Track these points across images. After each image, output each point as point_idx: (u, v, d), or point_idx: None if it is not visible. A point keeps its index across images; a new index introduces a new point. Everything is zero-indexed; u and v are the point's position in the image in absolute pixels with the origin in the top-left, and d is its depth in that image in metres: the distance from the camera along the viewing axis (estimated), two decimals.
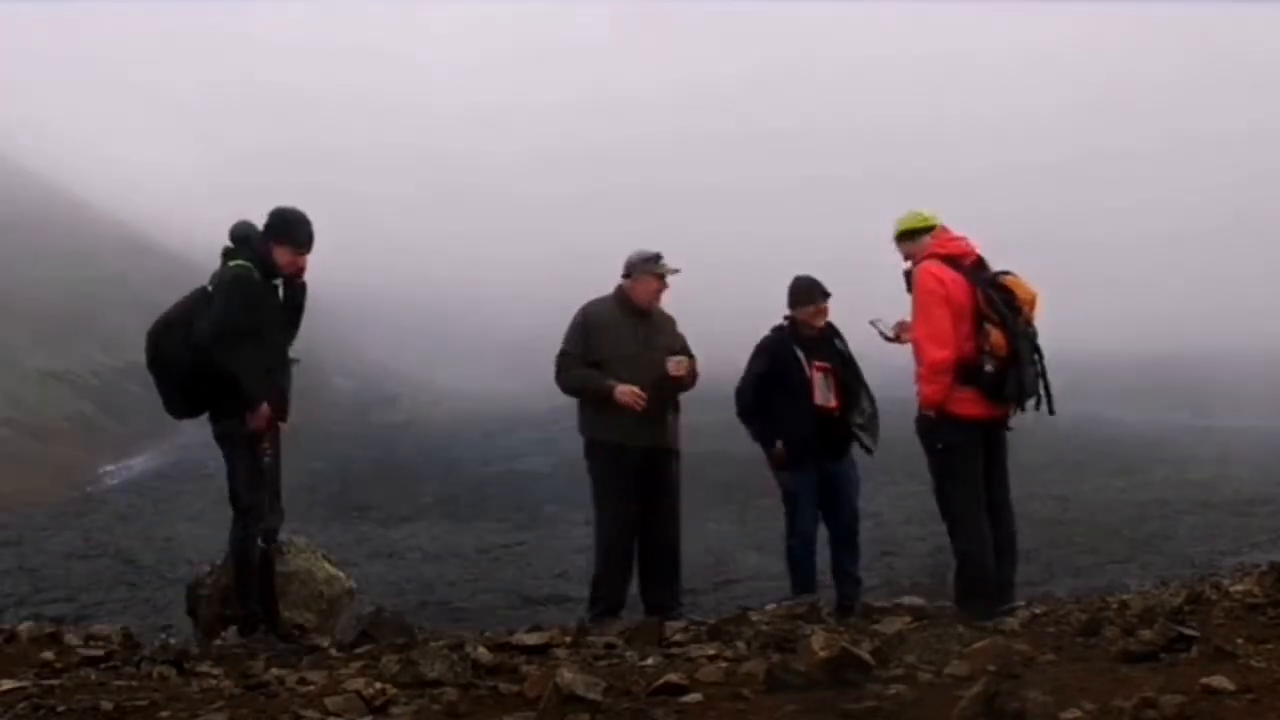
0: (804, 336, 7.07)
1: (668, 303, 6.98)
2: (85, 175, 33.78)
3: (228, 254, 6.05)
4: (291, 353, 6.25)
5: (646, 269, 6.78)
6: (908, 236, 6.32)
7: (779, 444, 7.06)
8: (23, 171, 31.77)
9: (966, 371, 6.02)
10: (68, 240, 29.06)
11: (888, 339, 6.55)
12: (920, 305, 6.10)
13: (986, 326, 6.00)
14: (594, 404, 6.73)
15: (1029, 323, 6.15)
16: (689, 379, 6.75)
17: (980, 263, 6.20)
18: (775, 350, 7.12)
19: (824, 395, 6.99)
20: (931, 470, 6.31)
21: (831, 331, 7.15)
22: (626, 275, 6.85)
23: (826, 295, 7.14)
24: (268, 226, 6.08)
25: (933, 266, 6.11)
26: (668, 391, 6.72)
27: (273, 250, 6.02)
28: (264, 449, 5.94)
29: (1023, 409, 6.24)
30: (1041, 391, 6.19)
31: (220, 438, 6.03)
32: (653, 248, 6.88)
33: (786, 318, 7.19)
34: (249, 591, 5.93)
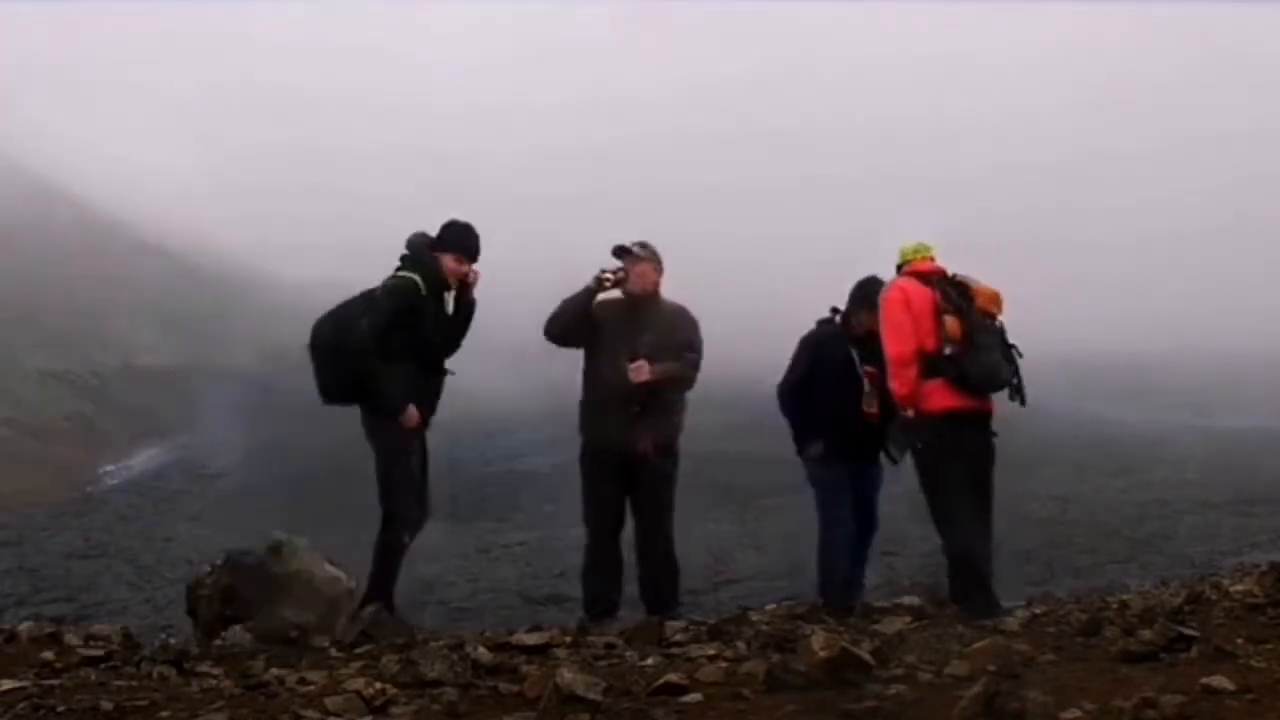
0: (855, 336, 6.90)
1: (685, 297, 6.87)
2: (85, 175, 33.77)
3: (402, 262, 6.35)
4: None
5: (625, 259, 6.61)
6: (898, 270, 6.68)
7: (817, 445, 6.87)
8: (22, 171, 31.76)
9: (932, 364, 6.28)
10: (68, 240, 29.05)
11: None
12: (883, 314, 6.45)
13: (945, 318, 6.32)
14: (581, 407, 6.75)
15: (989, 316, 6.44)
16: (661, 380, 6.51)
17: (943, 279, 6.52)
18: (828, 346, 6.96)
19: (869, 401, 6.81)
20: (916, 469, 6.47)
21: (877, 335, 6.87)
22: None
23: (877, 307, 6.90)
24: (437, 237, 6.37)
25: (897, 280, 6.53)
26: (639, 393, 6.51)
27: (441, 260, 6.30)
28: (412, 448, 6.31)
29: (986, 394, 6.39)
30: (1012, 381, 6.44)
31: (370, 435, 6.39)
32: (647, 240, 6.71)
33: (838, 313, 7.01)
34: (386, 587, 6.34)
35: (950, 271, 6.54)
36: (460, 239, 6.40)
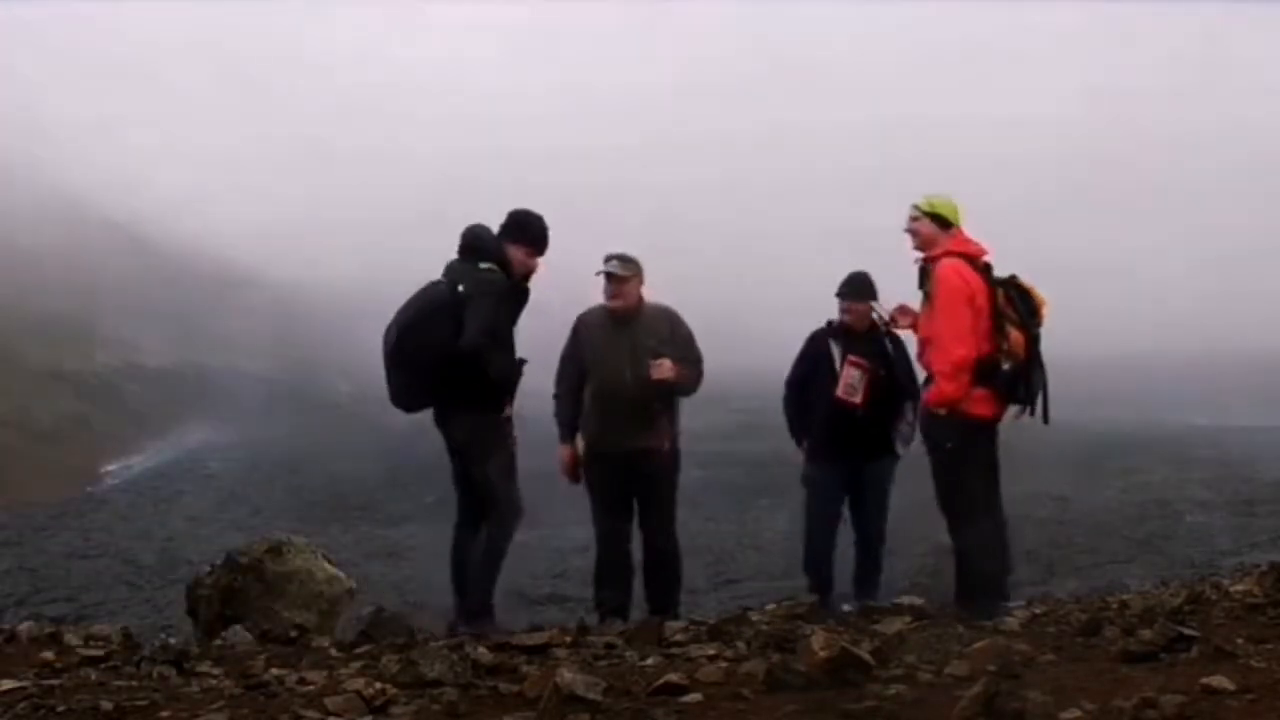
0: (847, 331, 7.01)
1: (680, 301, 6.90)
2: (85, 175, 33.77)
3: (467, 255, 6.24)
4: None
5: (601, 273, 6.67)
6: (936, 220, 6.23)
7: (805, 443, 7.10)
8: (21, 170, 31.75)
9: (982, 370, 6.03)
10: (67, 240, 29.05)
11: (884, 322, 6.56)
12: (945, 303, 6.05)
13: (1007, 327, 6.04)
14: (584, 410, 6.80)
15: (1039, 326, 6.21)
16: (678, 380, 6.60)
17: (989, 266, 6.22)
18: (811, 342, 7.14)
19: (848, 389, 6.87)
20: (935, 468, 6.29)
21: (878, 332, 7.04)
22: None
23: (860, 296, 7.01)
24: (505, 228, 6.29)
25: (957, 264, 6.08)
26: (649, 394, 6.59)
27: (508, 251, 6.23)
28: (513, 439, 6.35)
29: (1032, 412, 6.25)
30: (1040, 399, 6.23)
31: (474, 430, 6.30)
32: (619, 248, 6.73)
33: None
34: (487, 585, 6.32)
35: (989, 258, 6.22)
36: (533, 232, 6.34)
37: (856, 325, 6.99)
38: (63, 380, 23.15)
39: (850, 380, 6.89)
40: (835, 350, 6.99)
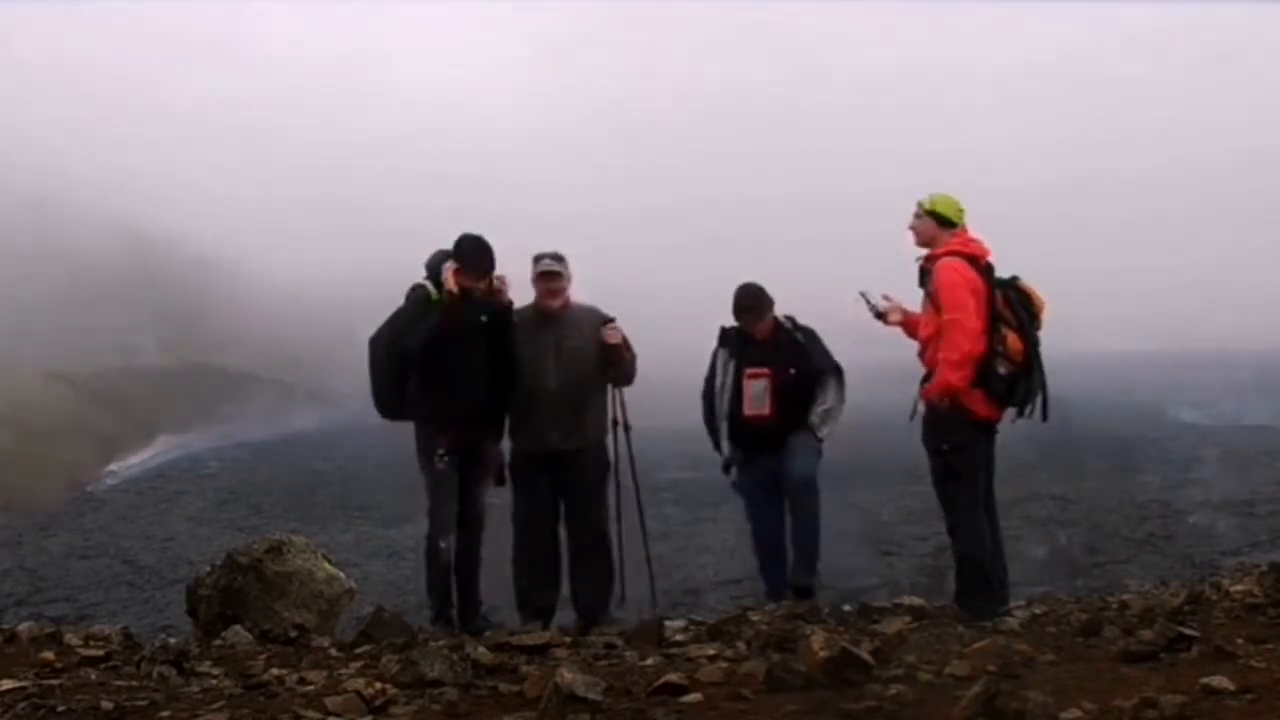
0: (746, 341, 6.83)
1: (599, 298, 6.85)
2: (84, 177, 33.78)
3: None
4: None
5: (534, 271, 6.60)
6: (937, 219, 6.15)
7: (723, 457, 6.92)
8: (20, 171, 31.76)
9: (979, 371, 5.95)
10: (68, 241, 29.06)
11: (876, 313, 6.46)
12: (953, 298, 5.93)
13: (1003, 330, 5.95)
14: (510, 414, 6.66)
15: (1038, 329, 6.14)
16: (623, 355, 6.55)
17: (991, 267, 6.13)
18: (712, 358, 6.98)
19: (754, 404, 6.73)
20: (935, 471, 6.23)
21: (785, 332, 6.86)
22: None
23: (760, 315, 6.82)
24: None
25: (956, 263, 6.00)
26: (575, 392, 6.53)
27: (444, 271, 6.38)
28: (438, 456, 6.39)
29: (1025, 415, 6.21)
30: (1038, 399, 6.14)
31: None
32: (552, 247, 6.68)
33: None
34: (431, 589, 6.47)
35: (992, 257, 6.11)
36: (457, 251, 6.42)
37: (757, 334, 6.81)
38: (63, 380, 23.17)
39: (753, 393, 6.73)
40: (732, 364, 6.81)
